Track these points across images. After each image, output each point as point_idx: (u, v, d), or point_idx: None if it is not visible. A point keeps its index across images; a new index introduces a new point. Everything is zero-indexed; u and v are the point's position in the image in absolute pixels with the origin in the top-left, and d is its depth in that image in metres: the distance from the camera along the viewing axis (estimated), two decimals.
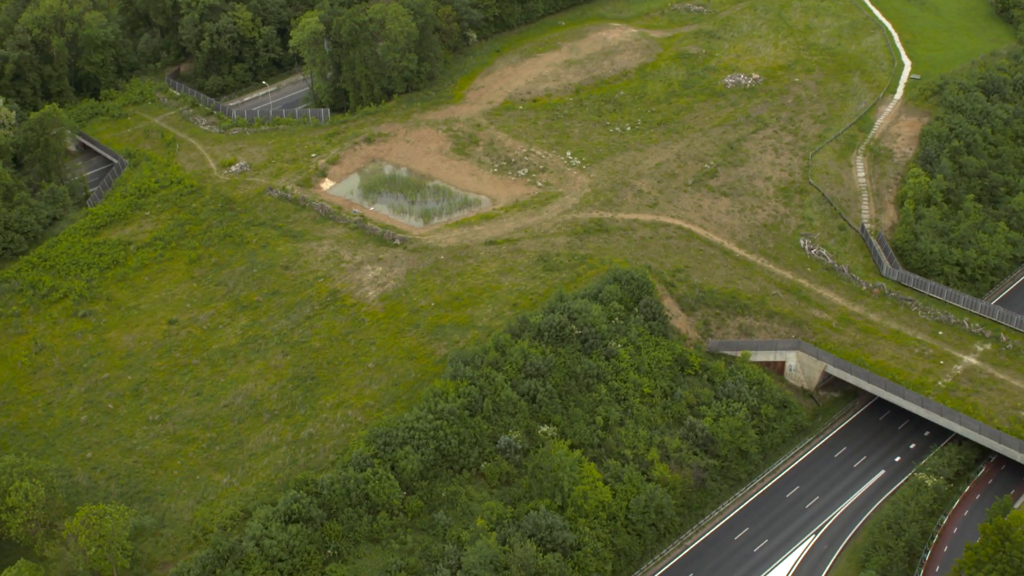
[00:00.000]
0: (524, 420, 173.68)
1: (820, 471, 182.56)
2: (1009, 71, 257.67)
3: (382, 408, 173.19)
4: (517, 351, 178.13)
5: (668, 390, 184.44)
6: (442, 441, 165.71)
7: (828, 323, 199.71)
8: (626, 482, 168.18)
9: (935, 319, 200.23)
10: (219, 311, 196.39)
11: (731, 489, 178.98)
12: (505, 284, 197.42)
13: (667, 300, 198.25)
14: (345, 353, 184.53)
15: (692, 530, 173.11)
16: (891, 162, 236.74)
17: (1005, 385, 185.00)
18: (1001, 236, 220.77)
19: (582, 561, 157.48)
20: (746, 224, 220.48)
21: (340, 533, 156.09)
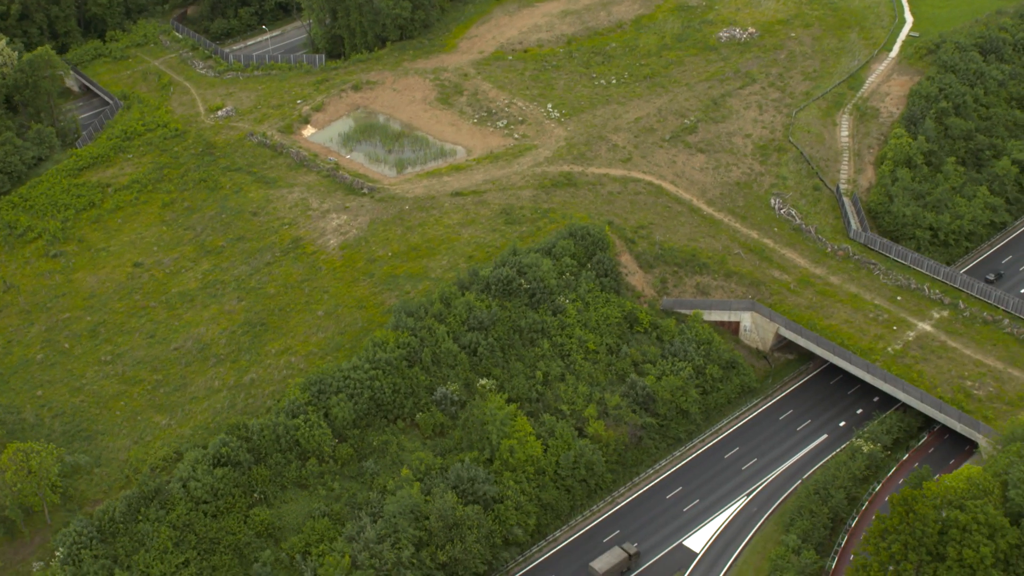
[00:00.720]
0: (464, 372, 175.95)
1: (762, 433, 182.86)
2: (1011, 31, 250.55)
3: (325, 356, 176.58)
4: (462, 304, 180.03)
5: (614, 347, 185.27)
6: (377, 391, 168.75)
7: (787, 284, 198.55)
8: (558, 437, 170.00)
9: (896, 284, 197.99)
10: (184, 255, 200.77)
11: (669, 448, 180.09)
12: (465, 236, 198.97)
13: (625, 257, 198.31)
14: (298, 300, 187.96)
15: (625, 487, 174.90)
16: (876, 122, 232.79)
17: (955, 354, 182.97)
18: (980, 201, 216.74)
19: (503, 514, 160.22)
20: (718, 182, 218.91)
21: (267, 478, 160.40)
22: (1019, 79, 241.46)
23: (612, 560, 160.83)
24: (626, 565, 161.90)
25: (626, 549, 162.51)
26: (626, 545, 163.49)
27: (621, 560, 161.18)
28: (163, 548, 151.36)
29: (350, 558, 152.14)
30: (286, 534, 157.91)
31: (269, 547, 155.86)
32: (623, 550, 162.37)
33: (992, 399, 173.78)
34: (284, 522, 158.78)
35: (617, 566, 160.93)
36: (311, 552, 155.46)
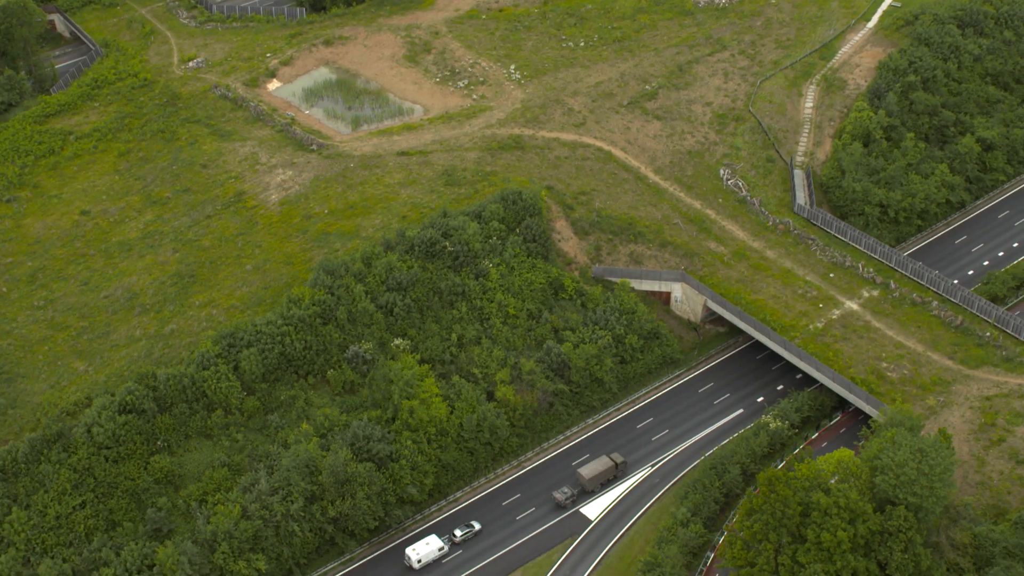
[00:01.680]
0: (379, 332, 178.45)
1: (679, 405, 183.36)
2: (995, 3, 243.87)
3: (245, 310, 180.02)
4: (382, 264, 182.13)
5: (535, 313, 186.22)
6: (287, 346, 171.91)
7: (721, 257, 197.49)
8: (464, 400, 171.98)
9: (831, 261, 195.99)
10: (130, 205, 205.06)
11: (582, 416, 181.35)
12: (403, 196, 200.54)
13: (560, 223, 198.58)
14: (230, 254, 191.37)
15: (533, 452, 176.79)
16: (842, 94, 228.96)
17: (878, 334, 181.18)
18: (937, 179, 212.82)
19: (397, 473, 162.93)
20: (670, 150, 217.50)
21: (171, 427, 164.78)
22: (997, 54, 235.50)
23: (598, 467, 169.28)
24: (612, 473, 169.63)
25: (612, 458, 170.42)
26: (613, 455, 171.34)
27: (607, 468, 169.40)
28: (62, 490, 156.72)
29: (240, 508, 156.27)
30: (186, 482, 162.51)
31: (167, 494, 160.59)
32: (610, 459, 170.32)
33: (905, 382, 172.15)
34: (185, 470, 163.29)
35: (603, 473, 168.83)
36: (207, 500, 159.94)
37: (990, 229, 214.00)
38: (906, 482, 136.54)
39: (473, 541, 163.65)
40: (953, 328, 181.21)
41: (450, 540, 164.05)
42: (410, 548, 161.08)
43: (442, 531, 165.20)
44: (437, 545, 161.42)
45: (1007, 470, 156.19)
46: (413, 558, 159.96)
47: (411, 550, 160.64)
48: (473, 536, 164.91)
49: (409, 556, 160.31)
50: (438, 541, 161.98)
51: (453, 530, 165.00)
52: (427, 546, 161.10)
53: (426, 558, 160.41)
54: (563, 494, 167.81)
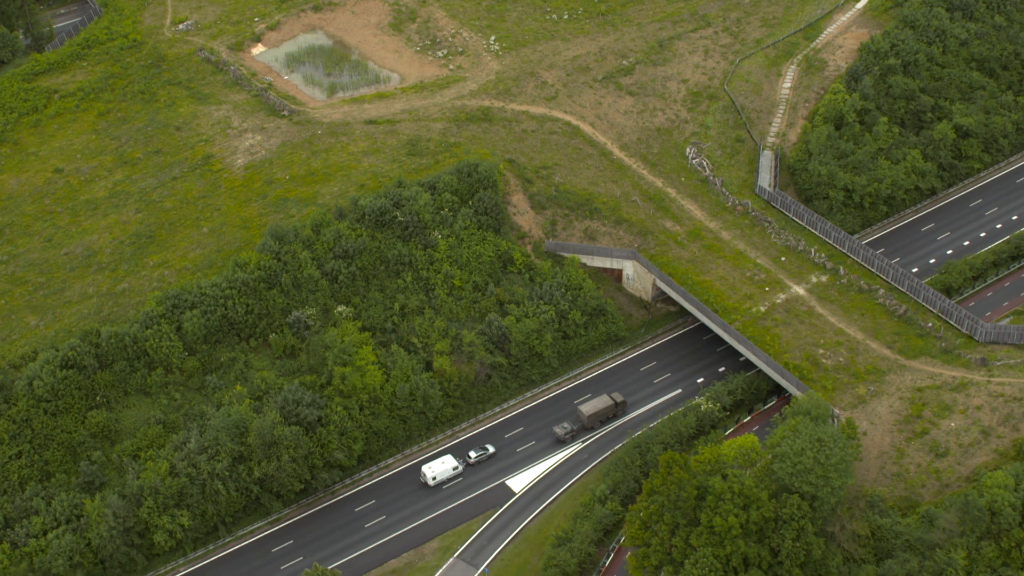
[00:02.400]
0: (323, 299, 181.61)
1: (619, 382, 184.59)
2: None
3: (196, 272, 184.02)
4: (331, 231, 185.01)
5: (481, 285, 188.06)
6: (230, 309, 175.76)
7: (676, 236, 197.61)
8: (399, 368, 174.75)
9: (785, 244, 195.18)
10: (102, 164, 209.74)
11: (521, 389, 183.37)
12: (365, 164, 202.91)
13: (518, 196, 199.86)
14: (189, 216, 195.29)
15: (468, 423, 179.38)
16: (821, 75, 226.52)
17: (820, 320, 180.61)
18: (908, 165, 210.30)
19: (324, 437, 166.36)
20: (639, 126, 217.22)
21: (111, 383, 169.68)
22: (985, 39, 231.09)
23: (598, 405, 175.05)
24: (612, 411, 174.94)
25: (613, 397, 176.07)
26: (614, 394, 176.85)
27: (607, 406, 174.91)
28: None
29: (169, 465, 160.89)
30: (122, 437, 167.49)
31: (103, 448, 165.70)
32: (610, 397, 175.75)
33: (839, 369, 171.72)
34: (121, 426, 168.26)
35: (603, 411, 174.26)
36: (140, 456, 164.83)
37: (959, 218, 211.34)
38: (802, 471, 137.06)
39: (389, 507, 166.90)
40: (897, 317, 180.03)
41: (465, 461, 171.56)
42: (426, 466, 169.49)
43: (374, 493, 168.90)
44: (452, 464, 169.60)
45: (925, 463, 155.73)
46: (428, 475, 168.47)
47: (427, 468, 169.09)
48: (487, 458, 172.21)
49: (424, 473, 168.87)
50: (453, 461, 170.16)
51: (468, 452, 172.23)
52: (442, 465, 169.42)
53: (440, 476, 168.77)
54: (563, 429, 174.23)
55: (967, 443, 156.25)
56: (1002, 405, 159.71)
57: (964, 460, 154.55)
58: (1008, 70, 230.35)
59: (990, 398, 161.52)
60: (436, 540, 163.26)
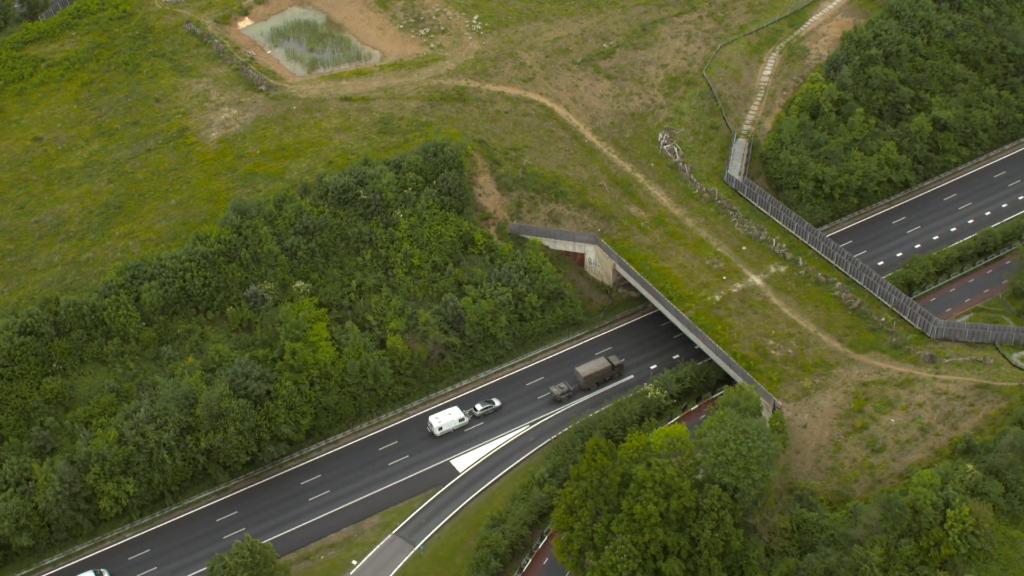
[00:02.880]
0: (282, 274, 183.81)
1: (572, 366, 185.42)
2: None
3: (160, 243, 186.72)
4: (293, 207, 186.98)
5: (441, 265, 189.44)
6: (188, 282, 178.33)
7: (639, 222, 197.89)
8: (351, 345, 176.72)
9: (747, 233, 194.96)
10: (80, 134, 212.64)
11: (474, 369, 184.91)
12: (335, 141, 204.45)
13: (484, 177, 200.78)
14: (159, 188, 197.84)
15: (420, 401, 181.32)
16: (802, 63, 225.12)
17: (773, 311, 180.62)
18: (881, 157, 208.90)
19: (272, 411, 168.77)
20: (614, 110, 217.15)
21: (67, 351, 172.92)
22: (972, 31, 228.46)
23: (596, 367, 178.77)
24: (608, 374, 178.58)
25: (611, 360, 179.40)
26: (612, 357, 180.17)
27: (604, 368, 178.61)
28: None
29: (117, 433, 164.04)
30: (75, 404, 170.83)
31: (56, 414, 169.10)
32: (608, 360, 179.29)
33: (787, 361, 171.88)
34: (76, 393, 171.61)
35: (600, 373, 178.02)
36: (92, 423, 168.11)
37: (931, 212, 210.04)
38: (723, 462, 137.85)
39: (334, 482, 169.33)
40: (851, 310, 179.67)
41: (471, 413, 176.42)
42: (433, 417, 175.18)
43: (322, 468, 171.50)
44: (458, 416, 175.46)
45: (860, 458, 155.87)
46: (435, 425, 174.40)
47: (434, 418, 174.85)
48: (493, 411, 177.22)
49: (431, 423, 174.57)
50: (459, 412, 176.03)
51: (475, 404, 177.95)
52: (449, 416, 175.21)
53: (447, 426, 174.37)
54: (559, 389, 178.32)
55: (904, 440, 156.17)
56: (944, 403, 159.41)
57: (899, 457, 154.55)
58: (993, 63, 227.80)
59: (933, 395, 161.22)
60: (377, 516, 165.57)
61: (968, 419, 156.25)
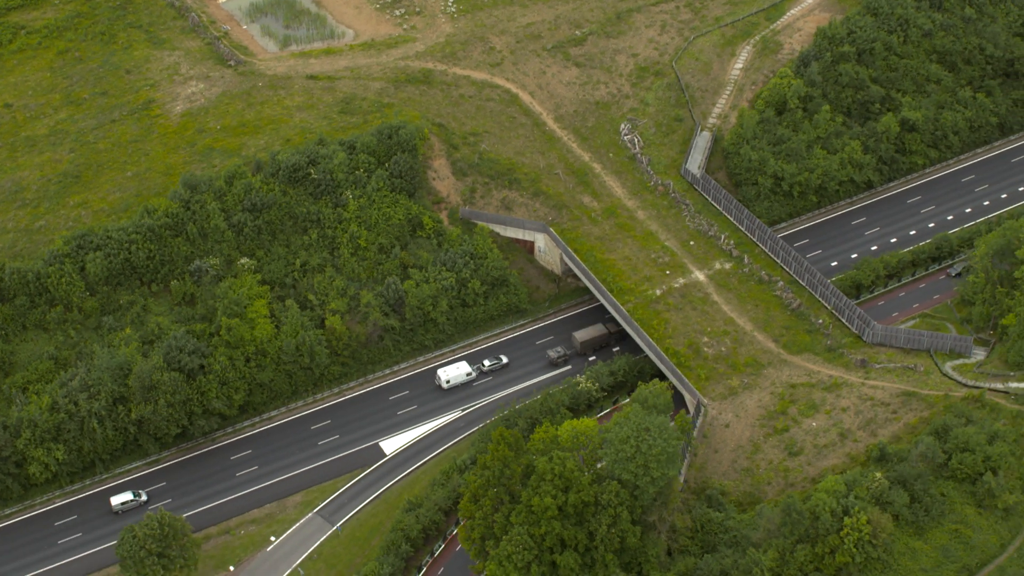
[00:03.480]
0: (228, 249, 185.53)
1: (513, 354, 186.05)
2: None
3: (111, 214, 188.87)
4: (242, 184, 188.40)
5: (387, 247, 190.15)
6: (133, 254, 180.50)
7: (591, 212, 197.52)
8: (289, 323, 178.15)
9: (697, 228, 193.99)
10: (50, 102, 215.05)
11: (414, 353, 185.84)
12: (296, 119, 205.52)
13: (440, 161, 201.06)
14: (118, 159, 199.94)
15: (357, 382, 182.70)
16: (774, 58, 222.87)
17: (712, 308, 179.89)
18: (844, 156, 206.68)
19: (204, 385, 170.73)
20: (579, 98, 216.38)
21: (10, 316, 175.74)
22: (951, 31, 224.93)
23: (593, 333, 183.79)
24: (605, 340, 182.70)
25: (607, 326, 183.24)
26: (609, 324, 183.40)
27: (601, 335, 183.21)
28: None
29: (51, 400, 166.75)
30: (15, 370, 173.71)
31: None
32: (604, 326, 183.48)
33: (718, 359, 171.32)
34: (16, 358, 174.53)
35: (597, 339, 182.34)
36: (28, 389, 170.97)
37: (893, 214, 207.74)
38: (623, 459, 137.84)
39: (263, 459, 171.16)
40: (790, 311, 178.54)
41: (479, 368, 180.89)
42: (441, 370, 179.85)
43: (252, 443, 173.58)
44: (465, 370, 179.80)
45: (776, 460, 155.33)
46: (443, 378, 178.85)
47: (442, 371, 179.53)
48: (500, 367, 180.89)
49: (439, 376, 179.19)
50: (467, 367, 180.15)
51: (483, 360, 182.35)
52: (457, 370, 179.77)
53: (454, 380, 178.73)
54: (556, 352, 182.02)
55: (823, 444, 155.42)
56: (868, 409, 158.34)
57: (815, 461, 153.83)
58: (971, 64, 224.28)
59: (859, 400, 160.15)
60: (300, 494, 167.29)
61: (889, 426, 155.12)
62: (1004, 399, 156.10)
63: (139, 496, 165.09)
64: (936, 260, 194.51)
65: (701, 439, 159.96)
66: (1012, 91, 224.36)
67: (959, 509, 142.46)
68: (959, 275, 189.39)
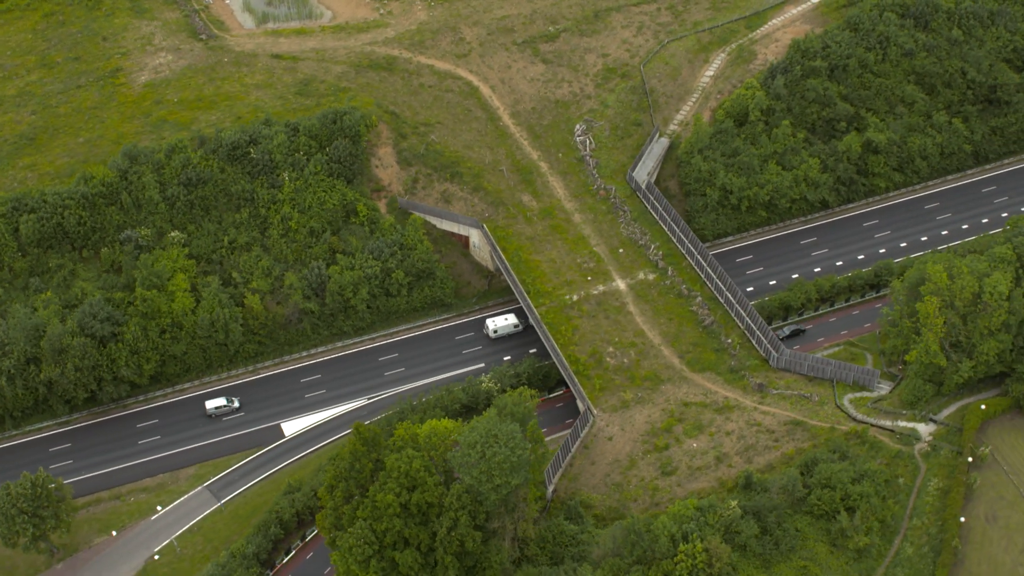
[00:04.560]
0: (160, 222, 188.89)
1: (429, 347, 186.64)
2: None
3: (56, 178, 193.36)
4: (181, 158, 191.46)
5: (318, 231, 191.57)
6: (65, 219, 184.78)
7: (528, 211, 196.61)
8: (207, 299, 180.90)
9: (629, 235, 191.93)
10: (24, 64, 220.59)
11: (332, 338, 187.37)
12: (252, 97, 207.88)
13: (385, 149, 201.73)
14: (74, 125, 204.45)
15: (272, 361, 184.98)
16: (746, 67, 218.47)
17: (626, 319, 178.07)
18: (800, 173, 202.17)
19: (114, 353, 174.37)
20: (539, 95, 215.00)
21: None
22: (934, 53, 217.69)
23: None
24: None
25: None
26: None
27: None
28: None
29: None
30: None
31: None
32: None
33: (619, 370, 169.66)
34: None
35: None
36: None
37: (845, 236, 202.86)
38: (468, 464, 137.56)
39: (167, 429, 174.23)
40: (702, 327, 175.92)
41: (517, 326, 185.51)
42: (490, 319, 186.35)
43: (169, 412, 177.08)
44: (513, 322, 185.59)
45: (648, 478, 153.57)
46: (491, 327, 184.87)
47: (491, 321, 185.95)
48: None
49: (488, 326, 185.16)
50: (515, 318, 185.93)
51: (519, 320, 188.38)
52: (504, 320, 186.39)
53: (501, 330, 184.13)
54: None
55: (697, 466, 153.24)
56: (752, 434, 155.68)
57: (685, 482, 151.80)
58: (951, 88, 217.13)
59: (745, 425, 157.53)
60: (194, 467, 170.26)
61: (767, 454, 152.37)
62: (889, 437, 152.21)
63: (232, 402, 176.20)
64: (874, 287, 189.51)
65: (582, 450, 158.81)
66: (992, 118, 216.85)
67: (811, 546, 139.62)
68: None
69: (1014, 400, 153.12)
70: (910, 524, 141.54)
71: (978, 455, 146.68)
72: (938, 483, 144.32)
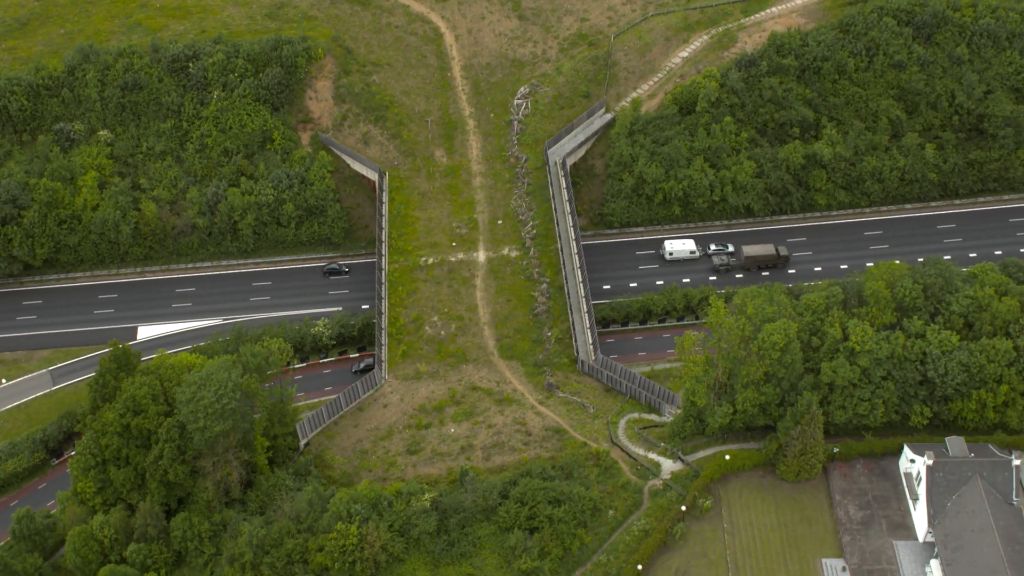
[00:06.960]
0: (94, 120, 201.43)
1: (301, 282, 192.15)
2: (978, 11, 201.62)
3: (27, 64, 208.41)
4: (125, 63, 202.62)
5: (232, 152, 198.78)
6: (10, 104, 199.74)
7: (434, 166, 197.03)
8: (107, 199, 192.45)
9: (515, 208, 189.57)
10: None
11: (217, 256, 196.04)
12: (224, 14, 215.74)
13: (324, 83, 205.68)
14: (64, 15, 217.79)
15: (160, 267, 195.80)
16: (721, 54, 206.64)
17: (467, 292, 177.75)
18: (726, 175, 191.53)
19: (10, 234, 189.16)
20: (500, 52, 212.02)
21: None
22: (928, 69, 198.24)
23: (761, 251, 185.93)
24: (773, 260, 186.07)
25: (778, 249, 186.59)
26: (780, 247, 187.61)
27: (769, 254, 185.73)
28: None
29: None
30: None
31: None
32: (775, 247, 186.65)
33: (431, 341, 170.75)
34: None
35: (764, 257, 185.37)
36: None
37: None
38: (182, 401, 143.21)
39: (46, 311, 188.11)
40: (533, 315, 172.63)
41: (704, 251, 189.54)
42: (668, 242, 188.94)
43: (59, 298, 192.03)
44: (690, 248, 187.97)
45: (391, 453, 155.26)
46: (668, 249, 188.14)
47: (668, 243, 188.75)
48: (726, 255, 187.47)
49: (665, 247, 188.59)
50: (692, 244, 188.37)
51: (709, 244, 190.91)
52: (682, 245, 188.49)
53: (677, 254, 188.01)
54: (721, 260, 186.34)
55: (440, 452, 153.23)
56: (509, 432, 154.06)
57: (421, 465, 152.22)
58: (935, 110, 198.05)
59: (511, 422, 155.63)
60: (50, 351, 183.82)
61: (508, 455, 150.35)
62: (631, 466, 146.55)
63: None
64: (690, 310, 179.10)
65: (356, 411, 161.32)
66: (973, 150, 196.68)
67: (484, 556, 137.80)
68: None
69: (765, 457, 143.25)
70: (597, 560, 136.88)
71: (698, 506, 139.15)
72: (644, 524, 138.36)
